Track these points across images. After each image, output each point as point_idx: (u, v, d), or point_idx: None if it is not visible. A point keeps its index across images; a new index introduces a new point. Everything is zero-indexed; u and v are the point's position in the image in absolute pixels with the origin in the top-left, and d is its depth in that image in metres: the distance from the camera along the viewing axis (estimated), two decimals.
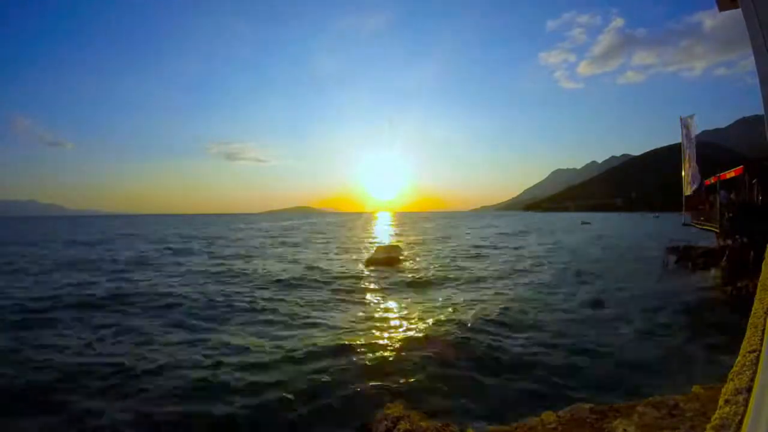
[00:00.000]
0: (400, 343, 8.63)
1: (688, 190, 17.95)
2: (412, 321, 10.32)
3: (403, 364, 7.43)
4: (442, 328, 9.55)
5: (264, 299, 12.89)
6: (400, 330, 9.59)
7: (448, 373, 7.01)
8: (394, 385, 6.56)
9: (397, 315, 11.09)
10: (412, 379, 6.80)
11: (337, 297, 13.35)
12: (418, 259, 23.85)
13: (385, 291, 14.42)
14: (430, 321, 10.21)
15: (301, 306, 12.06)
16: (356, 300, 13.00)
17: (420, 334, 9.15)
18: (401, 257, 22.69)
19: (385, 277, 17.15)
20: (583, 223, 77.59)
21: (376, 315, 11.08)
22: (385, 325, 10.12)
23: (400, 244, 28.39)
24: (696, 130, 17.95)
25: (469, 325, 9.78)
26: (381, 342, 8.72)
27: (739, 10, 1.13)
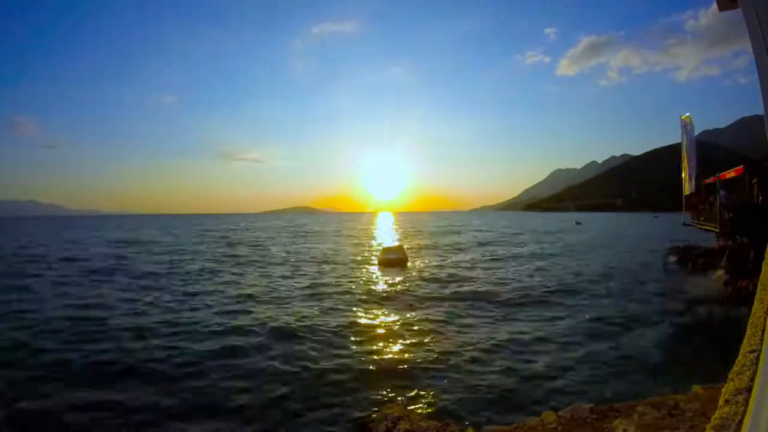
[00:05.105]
0: (401, 341, 8.65)
1: (687, 189, 17.97)
2: (413, 321, 10.34)
3: (405, 364, 7.45)
4: (443, 326, 9.57)
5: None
6: (401, 328, 9.61)
7: (449, 373, 7.02)
8: (395, 384, 6.57)
9: (398, 312, 11.11)
10: (412, 379, 6.81)
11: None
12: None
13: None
14: (431, 319, 10.23)
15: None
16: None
17: (420, 332, 9.17)
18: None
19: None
20: (577, 223, 77.59)
21: (378, 312, 11.10)
22: (387, 322, 10.14)
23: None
24: (693, 129, 17.96)
25: (467, 323, 9.79)
26: (382, 340, 8.74)
27: (739, 10, 1.12)
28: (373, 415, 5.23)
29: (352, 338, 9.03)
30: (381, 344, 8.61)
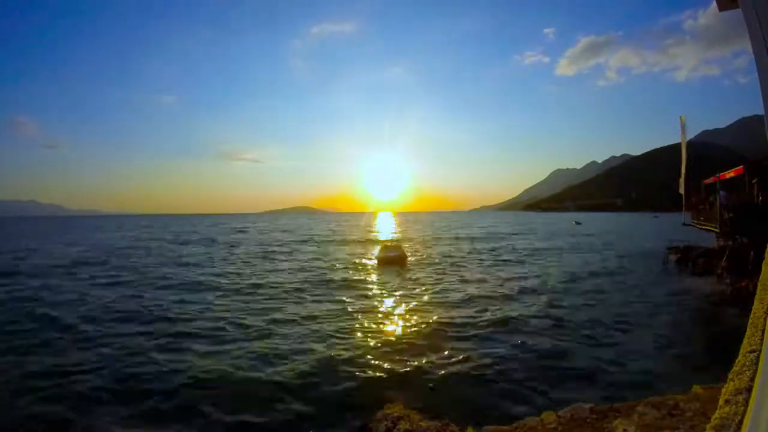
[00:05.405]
0: (401, 340, 8.65)
1: (682, 189, 18.02)
2: (412, 318, 10.34)
3: (405, 363, 7.45)
4: (442, 325, 9.56)
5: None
6: (401, 328, 9.62)
7: (449, 372, 7.01)
8: (395, 384, 6.57)
9: (396, 311, 11.11)
10: (412, 378, 6.81)
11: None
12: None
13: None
14: (430, 316, 10.23)
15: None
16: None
17: (419, 331, 9.17)
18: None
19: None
20: (577, 223, 73.95)
21: (377, 310, 11.09)
22: (387, 321, 10.14)
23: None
24: (687, 130, 17.99)
25: (467, 324, 9.78)
26: (382, 340, 8.74)
27: (739, 10, 1.12)
28: (373, 415, 5.22)
29: (352, 337, 9.03)
30: (381, 344, 8.60)
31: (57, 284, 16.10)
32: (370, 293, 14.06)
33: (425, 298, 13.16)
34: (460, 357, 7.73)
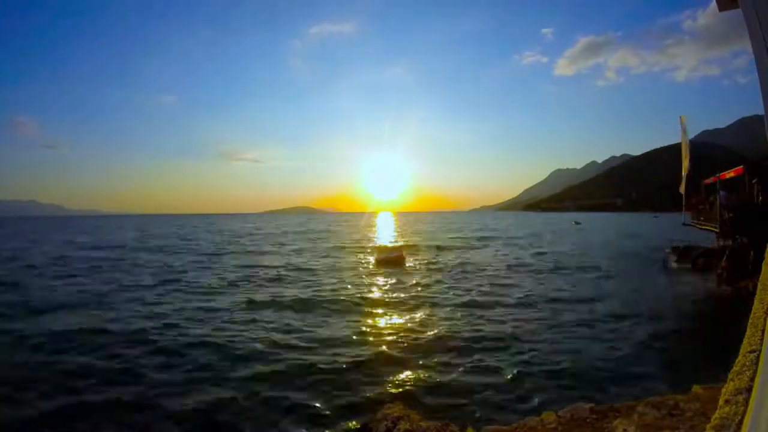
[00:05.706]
0: (401, 340, 8.64)
1: (682, 188, 18.00)
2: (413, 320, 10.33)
3: (404, 364, 7.44)
4: (441, 324, 9.56)
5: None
6: (401, 328, 9.61)
7: (449, 372, 7.01)
8: (395, 384, 6.57)
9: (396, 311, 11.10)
10: (412, 378, 6.81)
11: None
12: None
13: None
14: (429, 316, 10.22)
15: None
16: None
17: (419, 332, 9.16)
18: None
19: None
20: (576, 223, 72.76)
21: (378, 311, 11.08)
22: (387, 321, 10.13)
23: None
24: (688, 129, 17.95)
25: (467, 324, 9.78)
26: (382, 339, 8.73)
27: (739, 10, 1.12)
28: (374, 415, 5.21)
29: (353, 338, 9.03)
30: (381, 343, 8.60)
31: None
32: (368, 292, 14.07)
33: (427, 296, 13.16)
34: (460, 356, 7.74)
